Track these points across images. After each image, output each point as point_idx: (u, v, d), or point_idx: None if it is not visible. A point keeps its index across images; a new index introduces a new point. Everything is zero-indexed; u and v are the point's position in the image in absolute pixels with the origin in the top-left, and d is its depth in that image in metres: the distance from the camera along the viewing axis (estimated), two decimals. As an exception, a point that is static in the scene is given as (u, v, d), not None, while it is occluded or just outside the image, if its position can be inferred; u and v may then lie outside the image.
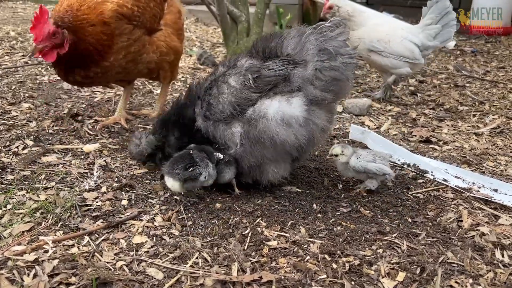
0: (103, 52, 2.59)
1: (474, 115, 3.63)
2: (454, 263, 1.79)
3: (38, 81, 3.98)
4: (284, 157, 2.17)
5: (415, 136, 3.15)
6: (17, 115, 3.11)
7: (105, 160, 2.50)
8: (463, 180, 2.48)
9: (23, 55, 4.91)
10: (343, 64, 2.04)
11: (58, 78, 2.88)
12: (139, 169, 2.46)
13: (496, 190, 2.36)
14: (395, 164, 2.69)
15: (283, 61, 2.05)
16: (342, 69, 2.04)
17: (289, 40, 2.09)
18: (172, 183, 2.06)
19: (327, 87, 2.04)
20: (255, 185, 2.29)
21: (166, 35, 2.97)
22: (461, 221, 2.10)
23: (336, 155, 2.30)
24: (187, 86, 4.15)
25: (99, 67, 2.63)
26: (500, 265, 1.80)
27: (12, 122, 2.97)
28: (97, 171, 2.39)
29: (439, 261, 1.79)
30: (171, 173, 2.06)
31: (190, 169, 2.04)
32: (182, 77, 4.47)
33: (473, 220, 2.10)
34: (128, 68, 2.77)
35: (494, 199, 2.27)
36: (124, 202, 2.12)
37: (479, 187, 2.40)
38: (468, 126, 3.41)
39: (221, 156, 2.16)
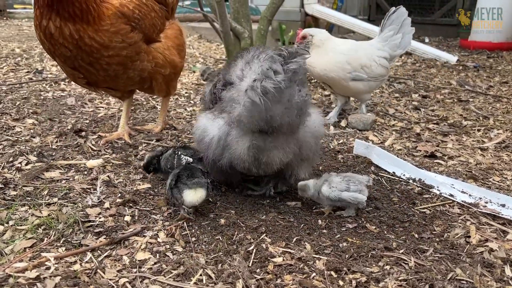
0: (95, 17, 2.52)
1: (478, 130, 3.61)
2: (463, 280, 1.75)
3: (42, 97, 4.00)
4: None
5: (420, 151, 3.13)
6: (21, 131, 3.11)
7: (108, 176, 2.49)
8: (470, 195, 2.45)
9: (27, 72, 4.95)
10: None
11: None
12: (142, 184, 2.45)
13: (503, 205, 2.33)
14: (400, 179, 2.66)
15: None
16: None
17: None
18: (202, 194, 2.06)
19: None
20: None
21: (165, 48, 2.97)
22: (469, 236, 2.07)
23: (302, 190, 2.26)
24: (191, 101, 4.17)
25: (82, 42, 2.49)
26: (510, 282, 1.76)
27: (16, 138, 2.97)
28: (100, 187, 2.38)
29: (448, 278, 1.75)
30: (199, 183, 2.06)
31: (205, 176, 2.13)
32: (186, 92, 4.49)
33: (481, 236, 2.07)
34: (117, 71, 2.72)
35: (502, 214, 2.24)
36: (127, 218, 2.10)
37: (486, 202, 2.37)
38: (473, 140, 3.39)
39: (190, 159, 2.24)
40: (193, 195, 2.04)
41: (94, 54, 2.57)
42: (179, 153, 2.37)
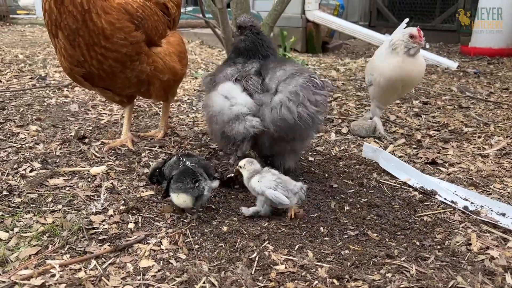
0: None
1: (479, 137, 3.63)
2: (464, 287, 1.77)
3: (45, 104, 4.03)
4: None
5: (421, 158, 3.15)
6: (25, 138, 3.14)
7: (112, 183, 2.51)
8: (472, 203, 2.47)
9: (31, 78, 4.99)
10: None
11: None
12: (146, 191, 2.47)
13: (503, 215, 2.34)
14: (401, 187, 2.68)
15: None
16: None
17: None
18: (185, 199, 2.11)
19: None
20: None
21: (166, 53, 2.99)
22: (470, 244, 2.08)
23: (240, 167, 2.31)
24: (193, 108, 4.20)
25: (89, 16, 2.49)
26: (511, 290, 1.77)
27: (20, 145, 2.99)
28: (104, 194, 2.40)
29: (449, 285, 1.77)
30: (182, 189, 2.10)
31: (197, 184, 2.12)
32: (188, 99, 4.52)
33: (482, 244, 2.08)
34: (114, 68, 2.71)
35: (500, 223, 2.25)
36: (131, 225, 2.12)
37: (487, 211, 2.38)
38: (473, 147, 3.41)
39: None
40: (176, 199, 2.15)
41: (94, 38, 2.56)
42: (184, 159, 2.38)
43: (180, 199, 2.13)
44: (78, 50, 2.59)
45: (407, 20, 3.58)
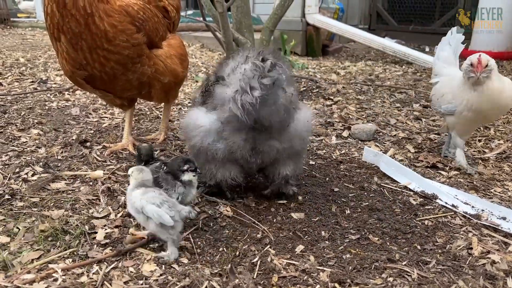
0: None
1: (479, 140, 3.64)
2: (465, 292, 1.77)
3: (47, 107, 4.04)
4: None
5: (422, 161, 3.16)
6: (26, 141, 3.15)
7: (113, 187, 2.52)
8: (472, 207, 2.47)
9: (32, 82, 5.00)
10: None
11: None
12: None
13: (504, 218, 2.34)
14: (402, 190, 2.69)
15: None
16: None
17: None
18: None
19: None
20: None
21: (167, 56, 2.99)
22: (471, 248, 2.09)
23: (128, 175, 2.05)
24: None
25: (92, 19, 2.49)
26: (512, 294, 1.78)
27: (22, 149, 3.00)
28: (105, 198, 2.40)
29: (451, 290, 1.78)
30: None
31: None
32: (189, 102, 4.53)
33: (483, 248, 2.09)
34: (116, 70, 2.71)
35: (502, 227, 2.26)
36: (133, 230, 2.12)
37: (488, 215, 2.39)
38: (474, 151, 3.42)
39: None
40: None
41: (96, 41, 2.56)
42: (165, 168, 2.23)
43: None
44: (81, 53, 2.59)
45: (454, 29, 3.23)
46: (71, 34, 2.52)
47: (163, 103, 3.41)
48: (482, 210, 2.43)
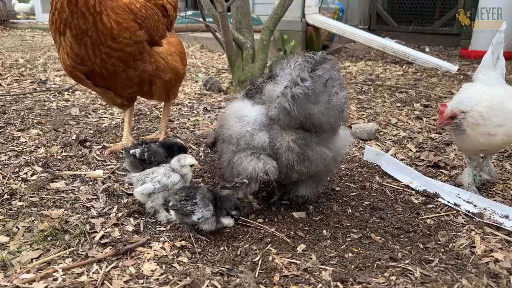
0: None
1: (481, 139, 3.62)
2: (469, 290, 1.75)
3: (46, 108, 4.02)
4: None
5: (423, 160, 3.15)
6: (26, 141, 3.13)
7: (113, 186, 2.50)
8: (475, 205, 2.46)
9: (31, 82, 4.98)
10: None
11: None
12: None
13: (507, 217, 2.33)
14: (404, 189, 2.67)
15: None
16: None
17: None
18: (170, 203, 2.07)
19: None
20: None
21: (168, 53, 3.01)
22: (474, 247, 2.07)
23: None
24: (194, 111, 4.20)
25: (100, 17, 2.51)
26: (516, 292, 1.76)
27: (21, 148, 2.99)
28: (105, 197, 2.39)
29: (454, 288, 1.76)
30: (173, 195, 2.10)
31: (182, 202, 2.02)
32: (189, 102, 4.52)
33: (486, 246, 2.07)
34: (117, 67, 2.71)
35: (504, 226, 2.24)
36: (133, 229, 2.11)
37: (491, 213, 2.37)
38: (475, 150, 3.40)
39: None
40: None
41: (101, 38, 2.57)
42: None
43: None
44: (84, 49, 2.59)
45: (504, 26, 2.72)
46: (77, 30, 2.52)
47: (163, 102, 3.41)
48: (485, 209, 2.41)
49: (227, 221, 2.04)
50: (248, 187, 2.13)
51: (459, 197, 2.53)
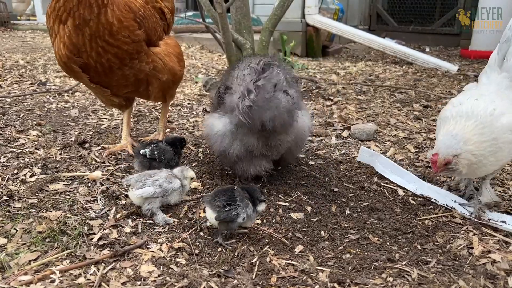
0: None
1: (480, 140, 3.62)
2: (466, 291, 1.75)
3: (46, 109, 4.03)
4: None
5: (422, 161, 3.15)
6: (25, 143, 3.14)
7: (111, 188, 2.50)
8: (470, 214, 2.42)
9: (31, 83, 4.99)
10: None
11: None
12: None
13: (504, 222, 2.30)
14: (403, 190, 2.67)
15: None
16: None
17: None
18: (210, 215, 2.03)
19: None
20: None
21: (165, 54, 3.01)
22: (472, 248, 2.07)
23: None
24: (194, 112, 4.20)
25: (104, 10, 2.54)
26: (513, 293, 1.76)
27: (20, 150, 2.99)
28: (103, 199, 2.39)
29: (451, 289, 1.76)
30: (212, 204, 2.02)
31: (227, 208, 1.99)
32: (189, 103, 4.52)
33: (484, 247, 2.07)
34: (113, 64, 2.70)
35: (503, 227, 2.24)
36: (131, 230, 2.11)
37: (488, 220, 2.34)
38: (474, 150, 3.39)
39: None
40: (206, 212, 2.09)
41: (100, 31, 2.57)
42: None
43: (207, 213, 2.06)
44: (81, 39, 2.59)
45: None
46: (81, 19, 2.53)
47: (161, 103, 3.42)
48: (483, 212, 2.40)
49: (261, 207, 2.12)
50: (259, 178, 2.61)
51: (455, 202, 2.51)
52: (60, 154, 2.97)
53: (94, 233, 2.07)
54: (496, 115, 2.23)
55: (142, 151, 2.60)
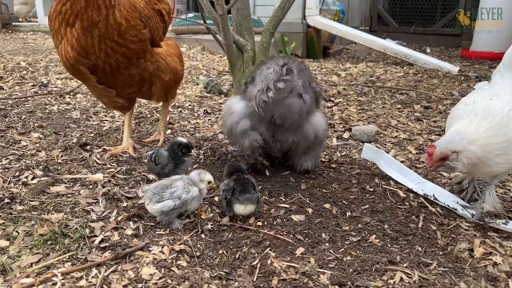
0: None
1: (481, 141, 3.61)
2: (467, 294, 1.76)
3: (47, 111, 4.04)
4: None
5: (423, 162, 3.14)
6: (27, 145, 3.15)
7: (113, 190, 2.51)
8: (472, 215, 2.42)
9: (33, 85, 5.01)
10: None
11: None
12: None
13: (506, 224, 2.30)
14: (405, 192, 2.67)
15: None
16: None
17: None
18: (251, 208, 2.23)
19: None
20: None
21: (167, 54, 3.07)
22: (473, 250, 2.07)
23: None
24: (195, 114, 4.20)
25: (112, 11, 2.57)
26: (514, 296, 1.76)
27: (22, 152, 3.00)
28: (105, 201, 2.40)
29: (452, 292, 1.76)
30: (250, 199, 2.21)
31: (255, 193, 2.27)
32: (190, 105, 4.53)
33: (485, 249, 2.07)
34: (120, 63, 2.72)
35: (503, 228, 2.24)
36: (132, 233, 2.12)
37: (489, 222, 2.33)
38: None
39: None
40: (243, 209, 2.22)
41: (109, 32, 2.59)
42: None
43: (247, 208, 2.21)
44: (90, 41, 2.60)
45: None
46: (89, 21, 2.54)
47: (161, 103, 3.45)
48: (485, 215, 2.39)
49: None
50: (254, 153, 2.72)
51: (457, 202, 2.51)
52: (62, 156, 2.98)
53: (95, 236, 2.08)
54: None
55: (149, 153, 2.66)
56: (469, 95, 2.48)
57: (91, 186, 2.57)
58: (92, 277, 1.79)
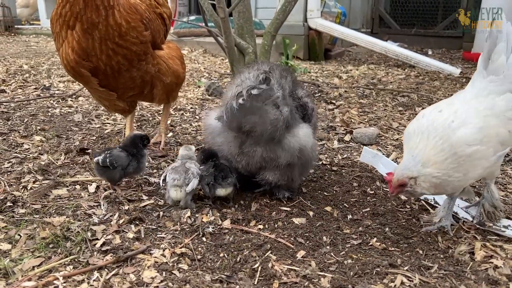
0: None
1: (482, 143, 3.61)
2: (468, 297, 1.76)
3: (49, 114, 4.06)
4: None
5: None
6: (29, 148, 3.16)
7: (114, 193, 2.52)
8: (472, 218, 2.42)
9: (35, 88, 5.03)
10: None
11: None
12: (148, 201, 2.47)
13: (506, 227, 2.30)
14: (404, 195, 2.67)
15: None
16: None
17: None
18: (230, 190, 2.43)
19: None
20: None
21: (169, 57, 3.08)
22: (474, 253, 2.07)
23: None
24: (196, 117, 4.22)
25: (112, 12, 2.57)
26: (515, 299, 1.76)
27: (24, 155, 3.02)
28: (107, 204, 2.41)
29: (453, 295, 1.76)
30: (230, 183, 2.42)
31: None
32: (191, 108, 4.54)
33: (486, 252, 2.07)
34: (121, 65, 2.73)
35: (504, 232, 2.23)
36: (134, 236, 2.13)
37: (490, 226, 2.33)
38: (477, 154, 3.39)
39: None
40: (224, 192, 2.43)
41: (110, 33, 2.60)
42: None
43: (227, 191, 2.43)
44: (91, 43, 2.61)
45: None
46: (89, 23, 2.55)
47: (162, 105, 3.47)
48: (484, 219, 2.39)
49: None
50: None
51: (458, 206, 2.51)
52: (64, 159, 2.99)
53: (97, 239, 2.09)
54: (453, 128, 2.02)
55: (95, 159, 2.51)
56: (430, 106, 2.36)
57: (92, 189, 2.58)
58: (94, 280, 1.80)
